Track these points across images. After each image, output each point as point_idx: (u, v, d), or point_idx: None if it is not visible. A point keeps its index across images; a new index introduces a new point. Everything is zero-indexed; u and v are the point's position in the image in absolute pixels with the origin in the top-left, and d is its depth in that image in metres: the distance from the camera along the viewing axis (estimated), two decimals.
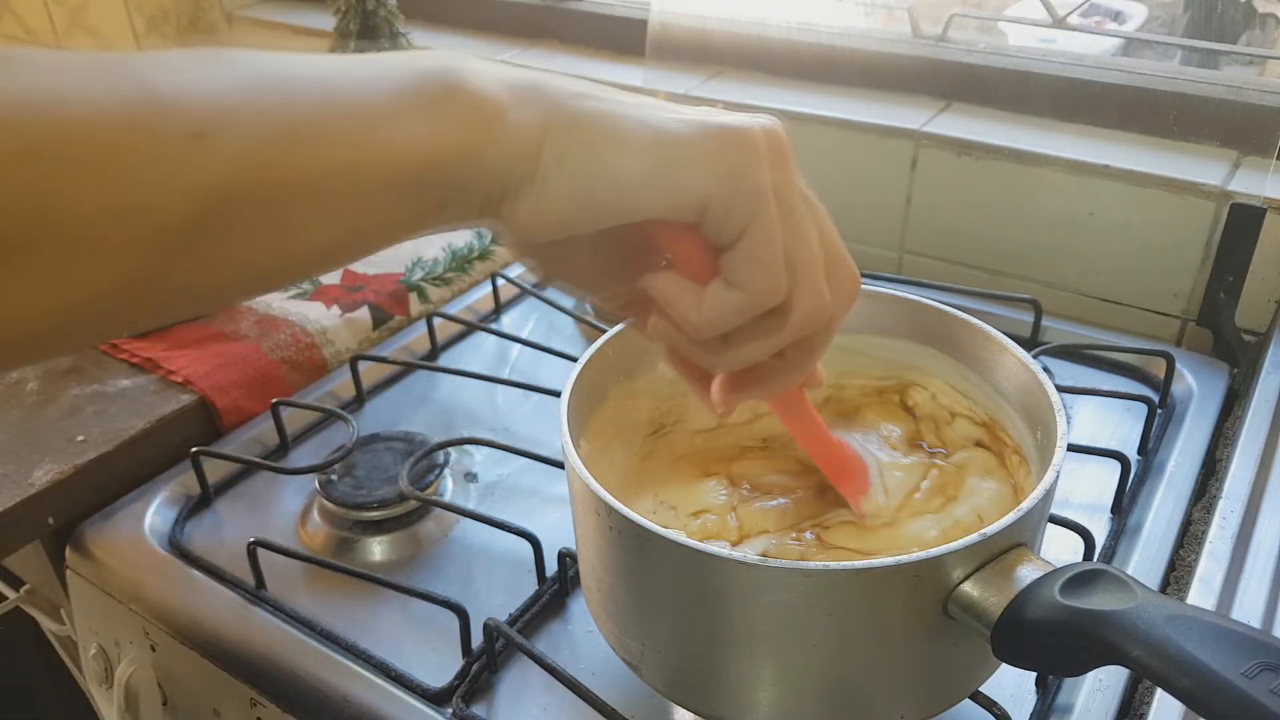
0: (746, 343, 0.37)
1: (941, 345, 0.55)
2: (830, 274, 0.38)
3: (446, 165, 0.32)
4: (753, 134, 0.35)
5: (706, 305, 0.36)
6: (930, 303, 0.55)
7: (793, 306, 0.36)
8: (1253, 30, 0.90)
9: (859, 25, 1.00)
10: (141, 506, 0.69)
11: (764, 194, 0.35)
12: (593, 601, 0.50)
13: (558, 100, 0.34)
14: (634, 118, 0.34)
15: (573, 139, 0.33)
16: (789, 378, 0.41)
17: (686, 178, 0.34)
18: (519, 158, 0.33)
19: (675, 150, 0.34)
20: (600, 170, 0.33)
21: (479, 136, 0.32)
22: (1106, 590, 0.38)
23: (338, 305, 0.86)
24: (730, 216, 0.34)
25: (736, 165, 0.34)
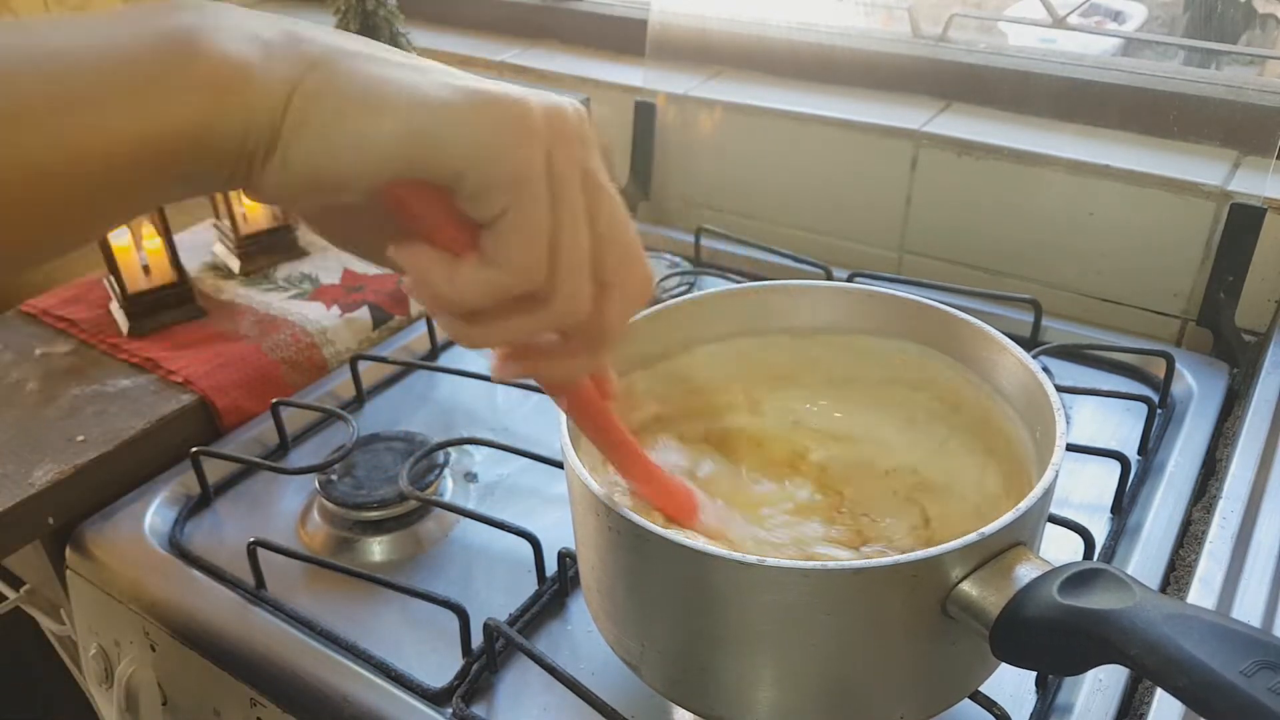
0: (498, 321, 0.35)
1: (941, 345, 0.55)
2: (617, 270, 0.36)
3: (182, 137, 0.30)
4: (528, 110, 0.33)
5: (459, 279, 0.34)
6: (930, 303, 0.55)
7: (552, 294, 0.34)
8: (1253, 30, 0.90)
9: (859, 25, 1.00)
10: (141, 506, 0.69)
11: (529, 176, 0.32)
12: (592, 601, 0.50)
13: (313, 57, 0.31)
14: (394, 80, 0.31)
15: (320, 101, 0.31)
16: (568, 366, 0.39)
17: (438, 148, 0.31)
18: (262, 122, 0.30)
19: (432, 118, 0.31)
20: (343, 135, 0.31)
21: (217, 106, 0.30)
22: (1105, 589, 0.38)
23: (338, 305, 0.86)
24: (488, 194, 0.32)
25: (500, 141, 0.32)
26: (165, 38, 0.30)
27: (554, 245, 0.34)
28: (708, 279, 0.90)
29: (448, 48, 1.19)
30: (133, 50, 0.29)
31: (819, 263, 0.87)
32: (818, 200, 0.96)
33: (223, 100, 0.30)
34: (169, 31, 0.30)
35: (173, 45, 0.29)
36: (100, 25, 0.30)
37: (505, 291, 0.34)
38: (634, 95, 1.03)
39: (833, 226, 0.96)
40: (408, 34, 1.01)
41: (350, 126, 0.31)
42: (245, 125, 0.30)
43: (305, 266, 0.93)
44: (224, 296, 0.89)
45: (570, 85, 1.09)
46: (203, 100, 0.29)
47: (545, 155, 0.33)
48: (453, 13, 1.26)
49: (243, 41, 0.30)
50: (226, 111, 0.30)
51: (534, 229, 0.33)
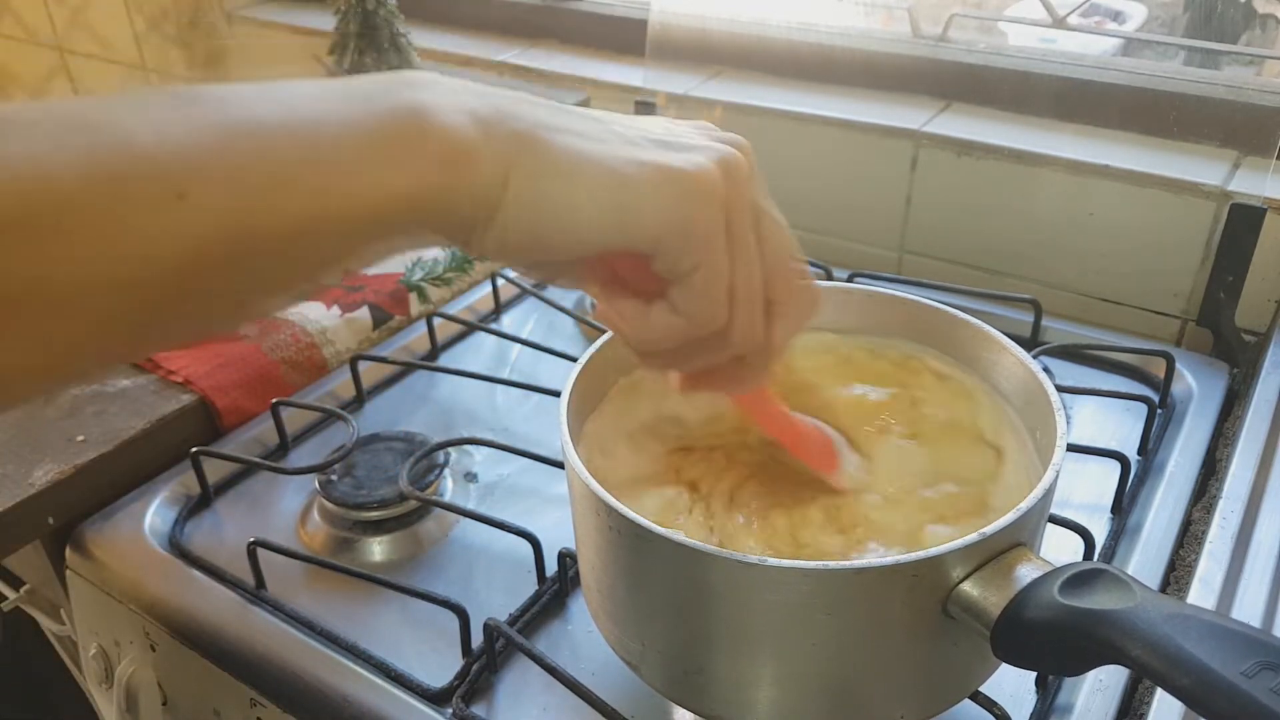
0: (687, 359, 0.40)
1: (941, 345, 0.55)
2: (783, 292, 0.40)
3: (415, 207, 0.33)
4: (708, 179, 0.36)
5: (650, 325, 0.38)
6: (930, 303, 0.55)
7: (731, 332, 0.38)
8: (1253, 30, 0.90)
9: (859, 25, 1.00)
10: (141, 506, 0.69)
11: (714, 238, 0.36)
12: (593, 601, 0.50)
13: (523, 134, 0.34)
14: (592, 157, 0.35)
15: (533, 180, 0.34)
16: (743, 382, 0.43)
17: (637, 223, 0.35)
18: (484, 197, 0.34)
19: (629, 195, 0.35)
20: (555, 213, 0.35)
21: (447, 178, 0.33)
22: (1106, 589, 0.38)
23: (338, 305, 0.86)
24: (679, 259, 0.36)
25: (688, 213, 0.36)
26: (398, 114, 0.33)
27: (732, 290, 0.37)
28: None
29: (448, 48, 1.19)
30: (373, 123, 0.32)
31: (819, 263, 0.87)
32: (818, 200, 0.96)
33: (452, 172, 0.33)
34: (400, 109, 0.33)
35: (406, 119, 0.33)
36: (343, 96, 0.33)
37: (691, 336, 0.38)
38: (634, 95, 1.03)
39: (833, 226, 0.96)
40: (408, 34, 1.01)
41: (561, 203, 0.35)
42: (470, 198, 0.34)
43: None
44: None
45: (570, 85, 1.09)
46: (432, 171, 0.33)
47: (724, 213, 0.36)
48: (453, 13, 1.26)
49: (463, 118, 0.33)
50: (460, 180, 0.33)
51: (717, 284, 0.37)
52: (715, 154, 0.37)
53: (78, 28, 1.59)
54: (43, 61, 1.68)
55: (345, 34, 0.99)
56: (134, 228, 0.28)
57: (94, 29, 1.57)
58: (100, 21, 1.54)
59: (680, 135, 0.38)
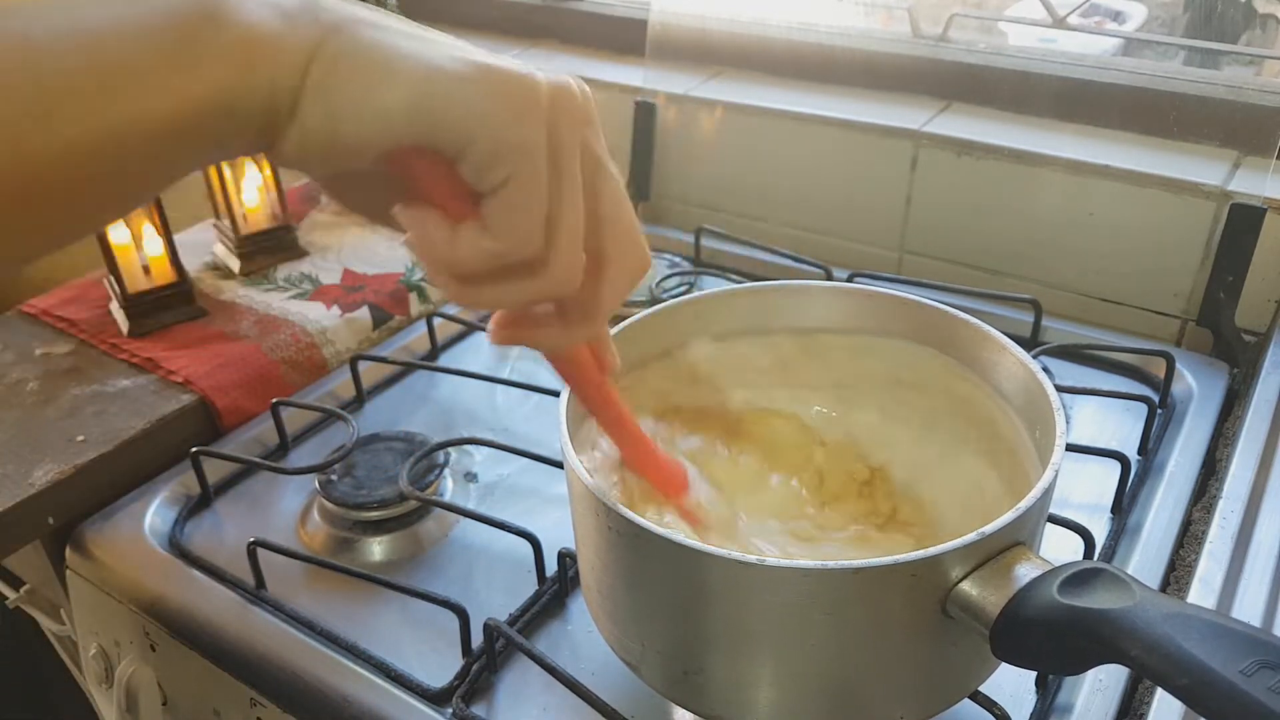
0: (492, 286, 0.36)
1: (941, 345, 0.55)
2: (614, 247, 0.38)
3: (215, 110, 0.30)
4: (534, 85, 0.34)
5: (457, 243, 0.35)
6: (930, 303, 0.55)
7: (546, 265, 0.36)
8: (1253, 30, 0.90)
9: (859, 25, 1.00)
10: (141, 506, 0.69)
11: (531, 149, 0.34)
12: (592, 601, 0.50)
13: (331, 25, 0.32)
14: (405, 49, 0.32)
15: (335, 69, 0.32)
16: (560, 334, 0.40)
17: (445, 115, 0.32)
18: (283, 90, 0.31)
19: (439, 88, 0.32)
20: (356, 102, 0.32)
21: (245, 74, 0.31)
22: (1105, 589, 0.38)
23: (338, 305, 0.86)
24: (490, 164, 0.33)
25: (504, 114, 0.33)
26: (190, 9, 0.30)
27: (551, 217, 0.35)
28: (708, 279, 0.90)
29: None
30: (160, 24, 0.30)
31: (819, 263, 0.87)
32: (818, 200, 0.96)
33: (249, 69, 0.31)
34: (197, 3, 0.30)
35: (199, 17, 0.30)
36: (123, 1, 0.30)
37: (500, 258, 0.35)
38: (634, 95, 1.03)
39: (833, 226, 0.96)
40: None
41: (361, 94, 0.32)
42: (270, 91, 0.31)
43: (305, 266, 0.93)
44: (224, 296, 0.89)
45: None
46: (231, 69, 0.30)
47: (548, 130, 0.34)
48: (453, 13, 1.26)
49: (264, 9, 0.31)
50: (253, 79, 0.31)
51: (532, 200, 0.34)
52: (548, 76, 0.34)
53: None
54: None
55: None
56: None
57: None
58: None
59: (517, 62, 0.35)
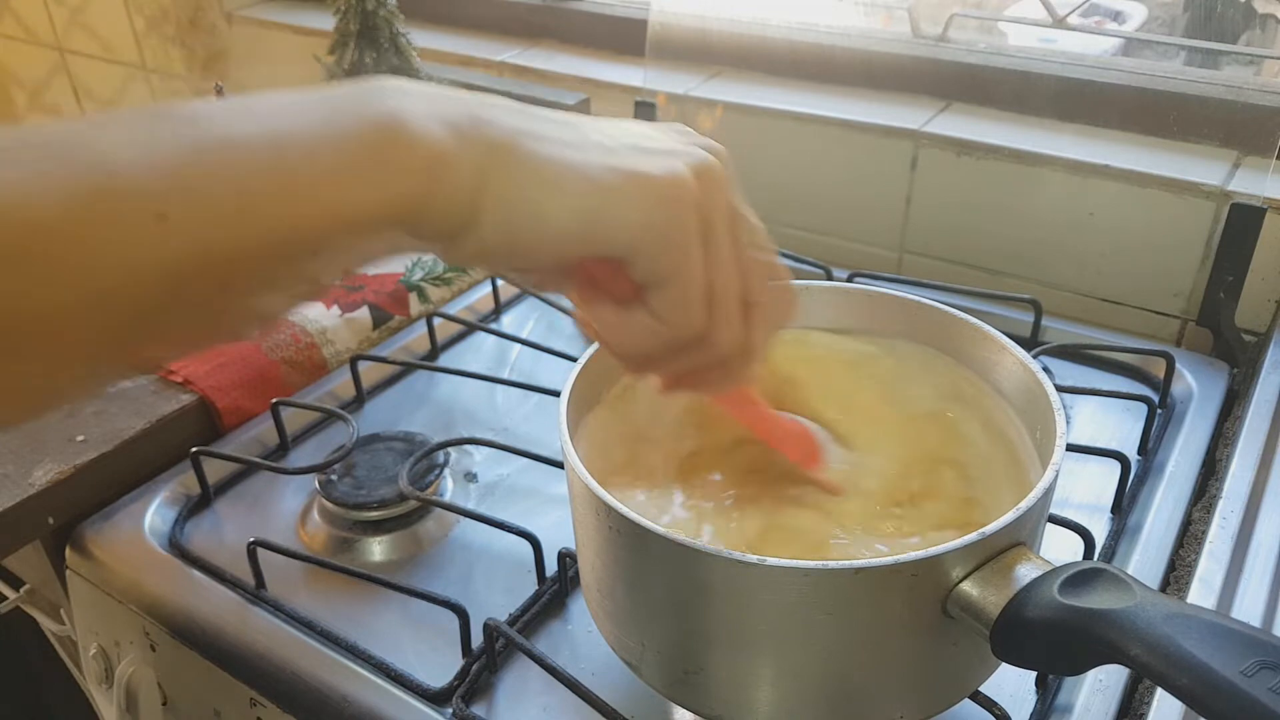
0: (668, 363, 0.40)
1: (941, 345, 0.55)
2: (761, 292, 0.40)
3: (391, 218, 0.33)
4: (682, 185, 0.36)
5: (628, 331, 0.38)
6: (930, 303, 0.55)
7: (710, 337, 0.39)
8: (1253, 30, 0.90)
9: (859, 25, 1.00)
10: (141, 506, 0.69)
11: (688, 244, 0.36)
12: (593, 601, 0.50)
13: (498, 141, 0.34)
14: (568, 163, 0.35)
15: (507, 187, 0.34)
16: (727, 383, 0.43)
17: (611, 230, 0.35)
18: (460, 205, 0.34)
19: (603, 202, 0.35)
20: (530, 219, 0.35)
21: (423, 188, 0.33)
22: (1105, 589, 0.38)
23: (338, 305, 0.86)
24: (654, 265, 0.36)
25: (663, 220, 0.36)
26: (371, 124, 0.32)
27: (709, 294, 0.38)
28: None
29: (448, 48, 1.19)
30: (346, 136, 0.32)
31: (819, 263, 0.87)
32: (818, 200, 0.96)
33: (425, 185, 0.33)
34: (374, 119, 0.32)
35: (380, 129, 0.32)
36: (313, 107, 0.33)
37: (670, 342, 0.38)
38: (634, 95, 1.03)
39: (833, 226, 0.96)
40: (408, 34, 1.01)
41: (533, 212, 0.35)
42: (444, 208, 0.33)
43: None
44: None
45: (570, 85, 1.09)
46: (415, 177, 0.33)
47: (699, 218, 0.37)
48: (453, 13, 1.26)
49: (438, 126, 0.33)
50: (429, 195, 0.33)
51: (695, 290, 0.37)
52: (690, 159, 0.37)
53: (78, 28, 1.59)
54: (43, 61, 1.69)
55: (345, 34, 0.98)
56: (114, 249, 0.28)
57: (94, 29, 1.57)
58: (100, 21, 1.54)
59: (656, 140, 0.38)
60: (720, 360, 0.40)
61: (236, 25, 1.37)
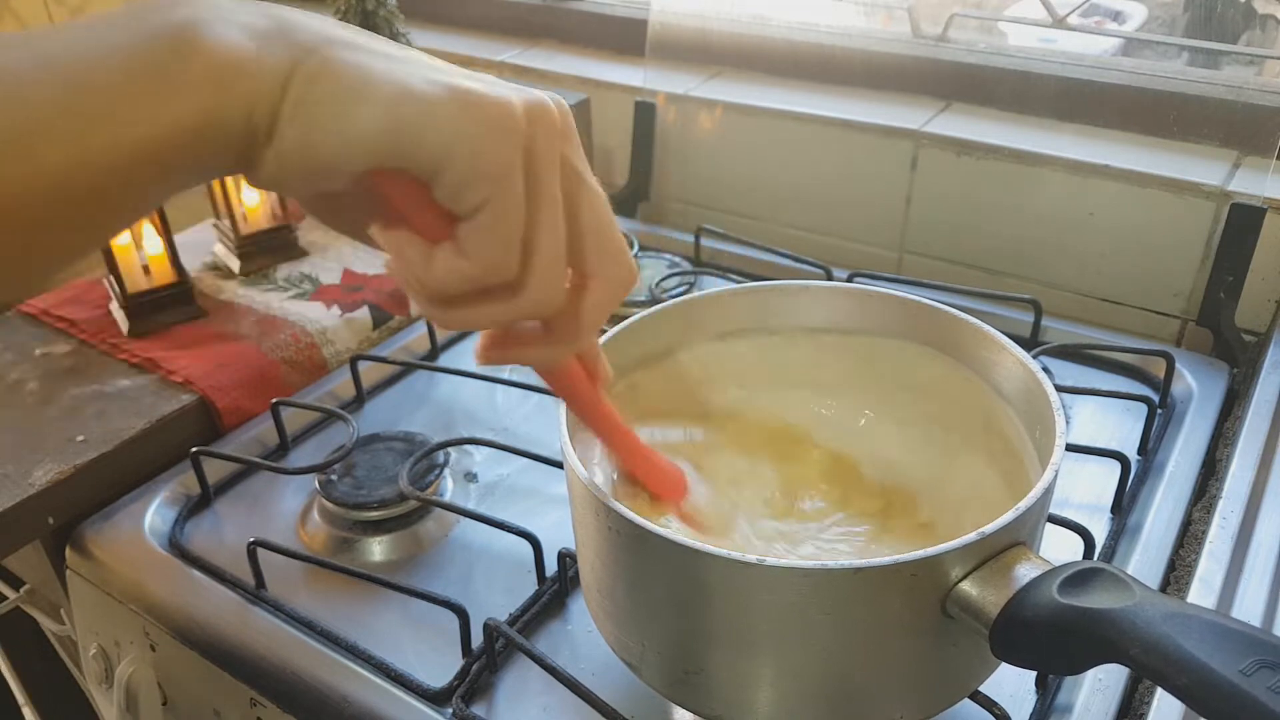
0: (471, 308, 0.36)
1: (941, 345, 0.55)
2: (597, 262, 0.38)
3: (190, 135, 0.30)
4: (510, 108, 0.33)
5: (433, 266, 0.35)
6: (930, 303, 0.55)
7: (523, 286, 0.36)
8: (1253, 30, 0.90)
9: (859, 25, 1.00)
10: (141, 506, 0.69)
11: (507, 173, 0.33)
12: (592, 601, 0.50)
13: (305, 46, 0.32)
14: (380, 71, 0.32)
15: (310, 91, 0.32)
16: (546, 352, 0.40)
17: (419, 138, 0.32)
18: (260, 113, 0.31)
19: (414, 110, 0.32)
20: (330, 124, 0.32)
21: (219, 99, 0.30)
22: (1105, 588, 0.38)
23: (338, 305, 0.86)
24: (465, 189, 0.33)
25: (481, 139, 0.33)
26: (163, 35, 0.30)
27: (527, 239, 0.35)
28: (707, 279, 0.90)
29: (448, 48, 1.19)
30: (134, 51, 0.30)
31: (819, 263, 0.87)
32: (818, 200, 0.96)
33: (224, 93, 0.30)
34: (166, 29, 0.30)
35: (171, 42, 0.30)
36: (99, 28, 0.30)
37: (477, 282, 0.35)
38: (634, 95, 1.04)
39: (833, 226, 0.96)
40: (408, 34, 1.01)
41: (336, 116, 0.32)
42: (246, 115, 0.31)
43: (305, 266, 0.93)
44: (224, 296, 0.89)
45: (570, 85, 1.09)
46: (205, 94, 0.30)
47: (524, 152, 0.34)
48: (453, 13, 1.26)
49: (237, 32, 0.31)
50: (228, 103, 0.31)
51: (507, 225, 0.34)
52: (525, 95, 0.34)
53: None
54: None
55: None
56: None
57: None
58: None
59: (494, 80, 0.35)
60: (535, 317, 0.38)
61: None
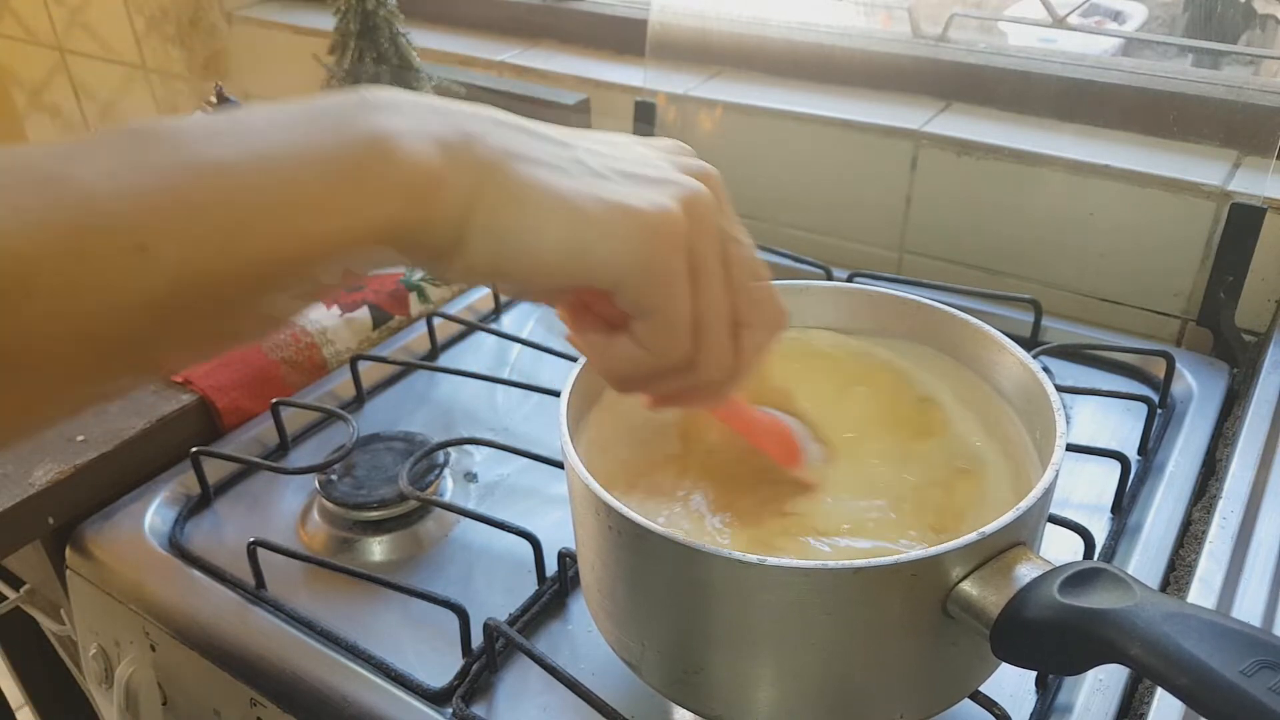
0: (654, 386, 0.40)
1: (941, 345, 0.55)
2: (750, 312, 0.40)
3: (379, 239, 0.32)
4: (670, 221, 0.36)
5: (615, 356, 0.38)
6: (930, 303, 0.55)
7: (697, 363, 0.38)
8: (1253, 30, 0.90)
9: (859, 25, 1.00)
10: (141, 506, 0.69)
11: (674, 280, 0.36)
12: (593, 601, 0.50)
13: (488, 163, 0.34)
14: (556, 191, 0.35)
15: (495, 212, 0.34)
16: (712, 401, 0.44)
17: (597, 262, 0.35)
18: (448, 226, 0.33)
19: (590, 234, 0.35)
20: (517, 246, 0.34)
21: (412, 209, 0.32)
22: (1105, 588, 0.38)
23: (338, 305, 0.86)
24: (639, 298, 0.36)
25: (648, 256, 0.35)
26: (362, 143, 0.32)
27: (697, 322, 0.37)
28: None
29: (448, 48, 1.19)
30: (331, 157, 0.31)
31: (819, 263, 0.87)
32: (818, 200, 0.96)
33: (415, 204, 0.32)
34: (365, 136, 0.32)
35: (370, 151, 0.32)
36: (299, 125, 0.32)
37: (655, 369, 0.38)
38: (634, 95, 1.03)
39: (833, 226, 0.96)
40: (408, 34, 1.01)
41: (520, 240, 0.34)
42: (433, 229, 0.33)
43: None
44: None
45: (570, 85, 1.09)
46: (398, 204, 0.32)
47: (688, 251, 0.36)
48: (453, 13, 1.26)
49: (428, 145, 0.33)
50: (419, 214, 0.33)
51: (679, 321, 0.37)
52: (681, 191, 0.37)
53: (78, 28, 1.59)
54: (43, 61, 1.69)
55: (345, 34, 0.99)
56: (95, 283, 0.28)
57: (94, 29, 1.57)
58: (100, 21, 1.54)
59: (649, 167, 0.38)
60: (710, 386, 0.40)
61: (236, 25, 1.37)
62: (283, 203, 0.30)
